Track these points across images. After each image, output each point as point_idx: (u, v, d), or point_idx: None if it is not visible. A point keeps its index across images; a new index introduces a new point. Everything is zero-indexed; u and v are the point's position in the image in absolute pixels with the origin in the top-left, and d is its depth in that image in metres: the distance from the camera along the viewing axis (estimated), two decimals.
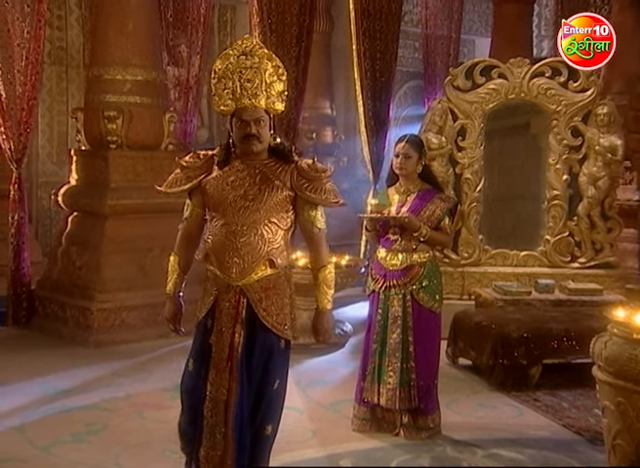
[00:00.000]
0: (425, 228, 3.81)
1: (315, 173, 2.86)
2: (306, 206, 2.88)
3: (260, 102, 2.76)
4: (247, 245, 2.78)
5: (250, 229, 2.78)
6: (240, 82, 2.77)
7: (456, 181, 6.29)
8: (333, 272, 2.97)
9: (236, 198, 2.80)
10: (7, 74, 5.76)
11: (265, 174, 2.83)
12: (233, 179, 2.83)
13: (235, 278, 2.79)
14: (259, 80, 2.76)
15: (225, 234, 2.79)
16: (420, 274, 3.85)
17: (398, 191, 3.96)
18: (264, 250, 2.79)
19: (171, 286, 2.96)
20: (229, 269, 2.79)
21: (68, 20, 8.49)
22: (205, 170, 2.90)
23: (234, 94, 2.78)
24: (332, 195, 2.90)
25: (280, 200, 2.82)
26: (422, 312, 3.86)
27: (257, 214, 2.79)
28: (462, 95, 6.28)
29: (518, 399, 4.59)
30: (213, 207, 2.86)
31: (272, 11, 6.63)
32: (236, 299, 2.81)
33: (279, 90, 2.81)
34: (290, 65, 6.72)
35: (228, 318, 2.81)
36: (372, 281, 3.99)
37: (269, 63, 2.79)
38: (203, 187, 2.88)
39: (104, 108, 5.98)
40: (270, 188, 2.81)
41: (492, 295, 5.71)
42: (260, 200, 2.79)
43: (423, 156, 3.96)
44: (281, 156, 2.87)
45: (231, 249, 2.78)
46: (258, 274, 2.81)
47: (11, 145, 5.88)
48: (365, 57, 7.19)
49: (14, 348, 5.54)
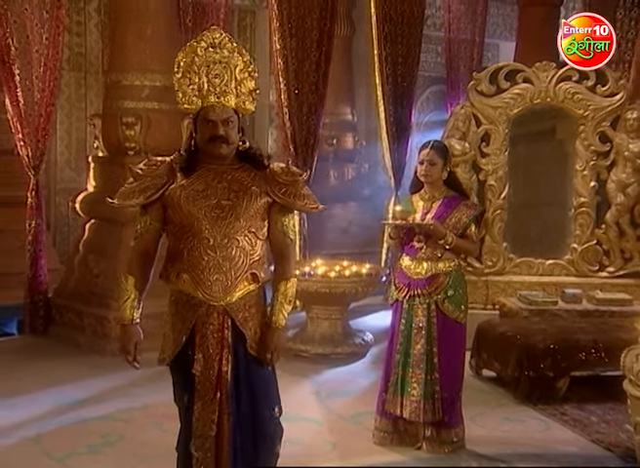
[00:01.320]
0: (451, 236, 3.77)
1: (291, 176, 2.64)
2: (281, 213, 2.65)
3: (230, 101, 2.54)
4: (229, 259, 2.54)
5: (230, 241, 2.54)
6: (207, 77, 2.53)
7: (479, 188, 6.25)
8: (295, 287, 2.70)
9: (210, 208, 2.54)
10: (25, 80, 5.79)
11: (239, 180, 2.60)
12: (203, 188, 2.56)
13: (218, 297, 2.54)
14: (228, 76, 2.54)
15: (203, 249, 2.53)
16: (446, 283, 3.81)
17: (423, 198, 3.93)
18: (246, 263, 2.57)
19: (128, 312, 2.60)
20: (210, 288, 2.53)
21: (87, 26, 8.54)
22: (165, 179, 2.59)
23: (200, 90, 2.54)
24: (310, 200, 2.67)
25: (259, 207, 2.60)
26: (447, 322, 3.82)
27: (236, 223, 2.55)
28: (486, 100, 6.24)
29: (545, 412, 4.52)
30: (181, 220, 2.56)
31: (292, 15, 6.64)
32: (220, 321, 2.56)
33: (250, 88, 2.58)
34: (310, 70, 6.74)
35: (213, 343, 2.56)
36: (395, 290, 3.95)
37: (240, 58, 2.57)
38: (165, 199, 2.58)
39: (122, 114, 6.00)
40: (249, 195, 2.58)
41: (517, 305, 5.66)
42: (239, 208, 2.56)
43: (448, 162, 3.93)
44: (252, 161, 2.64)
45: (212, 265, 2.52)
46: (241, 290, 2.58)
47: (29, 152, 5.91)
48: (386, 61, 7.17)
49: (30, 357, 5.55)
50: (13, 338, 6.09)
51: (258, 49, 9.27)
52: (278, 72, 6.70)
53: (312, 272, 5.77)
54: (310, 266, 5.92)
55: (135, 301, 2.63)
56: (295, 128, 6.74)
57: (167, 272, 2.63)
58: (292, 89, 6.70)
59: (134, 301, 2.62)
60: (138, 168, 2.63)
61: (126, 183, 2.62)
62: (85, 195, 6.36)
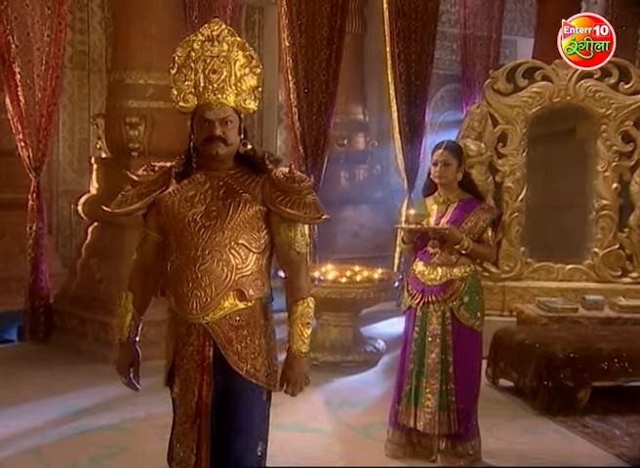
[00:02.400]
0: (468, 240, 3.74)
1: (292, 183, 2.44)
2: (283, 224, 2.46)
3: (228, 99, 2.39)
4: (208, 273, 2.37)
5: (212, 254, 2.37)
6: (204, 73, 2.39)
7: (496, 190, 6.23)
8: (311, 307, 2.50)
9: (195, 217, 2.40)
10: (26, 79, 5.81)
11: (231, 185, 2.43)
12: (192, 194, 2.43)
13: (197, 315, 2.38)
14: (227, 72, 2.39)
15: (183, 262, 2.39)
16: (461, 290, 3.78)
17: (437, 201, 3.90)
18: (231, 278, 2.38)
19: (124, 330, 2.52)
20: (189, 304, 2.38)
21: (90, 23, 8.57)
22: (161, 184, 2.49)
23: (196, 87, 2.40)
24: (313, 209, 2.44)
25: (249, 217, 2.40)
26: (463, 330, 3.78)
27: (220, 234, 2.38)
28: (503, 98, 6.21)
29: (565, 424, 4.47)
30: (168, 228, 2.45)
31: (302, 11, 6.63)
32: (200, 342, 2.41)
33: (251, 85, 2.43)
34: (320, 69, 6.74)
35: (193, 366, 2.42)
36: (408, 296, 3.91)
37: (241, 53, 2.42)
38: (157, 205, 2.47)
39: (126, 114, 6.00)
40: (236, 203, 2.40)
41: (535, 312, 5.63)
42: (223, 218, 2.39)
43: (463, 163, 3.90)
44: (251, 164, 2.48)
45: (190, 279, 2.37)
46: (224, 309, 2.40)
47: (30, 153, 5.92)
48: (399, 59, 7.16)
49: (30, 365, 5.54)
50: (13, 345, 6.09)
51: (266, 46, 9.28)
52: (287, 70, 6.69)
53: (322, 277, 5.77)
54: (320, 271, 5.92)
55: (132, 320, 2.53)
56: (304, 128, 6.73)
57: (157, 286, 2.52)
58: (301, 88, 6.70)
59: (132, 320, 2.53)
60: (134, 174, 2.54)
61: (123, 191, 2.54)
62: (87, 197, 6.36)
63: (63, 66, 6.57)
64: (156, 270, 2.54)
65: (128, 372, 2.55)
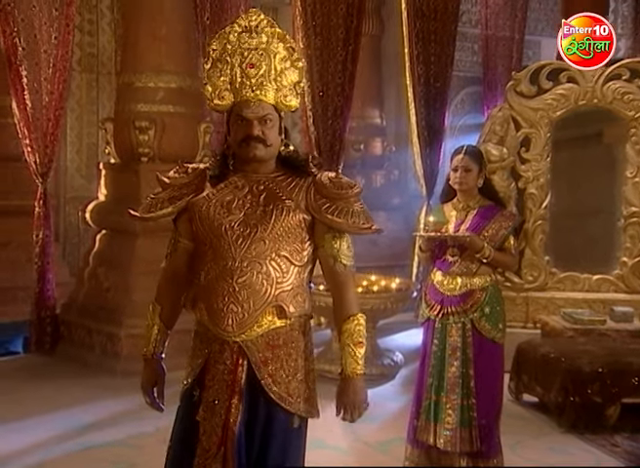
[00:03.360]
0: (489, 249, 3.71)
1: (340, 189, 2.33)
2: (328, 234, 2.33)
3: (268, 95, 2.27)
4: (247, 287, 2.25)
5: (251, 266, 2.25)
6: (242, 67, 2.27)
7: (519, 197, 6.19)
8: (364, 325, 2.37)
9: (233, 224, 2.28)
10: (33, 82, 5.84)
11: (272, 191, 2.32)
12: (229, 200, 2.31)
13: (232, 332, 2.25)
14: (266, 66, 2.27)
15: (219, 273, 2.27)
16: (482, 300, 3.74)
17: (456, 207, 3.87)
18: (271, 293, 2.26)
19: (150, 345, 2.43)
20: (224, 320, 2.25)
21: (100, 25, 8.63)
22: (194, 188, 2.37)
23: (233, 83, 2.28)
24: (362, 219, 2.33)
25: (293, 226, 2.29)
26: (484, 343, 3.75)
27: (261, 245, 2.26)
28: (527, 101, 6.18)
29: (593, 443, 4.42)
30: (202, 236, 2.33)
31: (317, 12, 6.65)
32: (233, 361, 2.28)
33: (293, 80, 2.31)
34: (336, 71, 6.74)
35: (222, 387, 2.28)
36: (426, 307, 3.89)
37: (281, 45, 2.30)
38: (190, 211, 2.34)
39: (135, 118, 6.01)
40: (279, 210, 2.28)
41: (560, 324, 5.59)
42: (265, 226, 2.27)
43: (484, 169, 3.88)
44: (294, 168, 2.36)
45: (226, 292, 2.25)
46: (262, 326, 2.27)
47: (36, 158, 5.95)
48: (418, 61, 7.16)
49: (36, 377, 5.55)
50: (18, 357, 6.11)
51: None
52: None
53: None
54: None
55: (159, 334, 2.43)
56: (319, 132, 6.74)
57: (187, 298, 2.39)
58: (316, 91, 6.71)
59: (158, 334, 2.43)
60: (165, 176, 2.41)
61: (152, 193, 2.41)
62: (95, 204, 6.38)
63: (71, 69, 6.62)
64: (186, 280, 2.42)
65: (152, 391, 2.44)
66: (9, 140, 7.02)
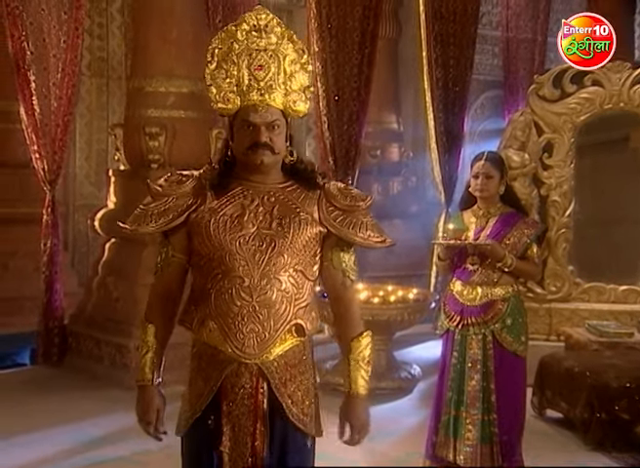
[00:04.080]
0: (511, 257, 3.70)
1: (351, 201, 2.29)
2: (337, 247, 2.30)
3: (276, 100, 2.20)
4: (267, 305, 2.19)
5: (270, 283, 2.19)
6: (249, 69, 2.19)
7: (541, 205, 6.17)
8: (370, 343, 2.33)
9: (247, 239, 2.20)
10: (41, 87, 5.87)
11: (285, 202, 2.25)
12: (239, 213, 2.23)
13: (253, 353, 2.19)
14: (275, 68, 2.20)
15: (235, 292, 2.19)
16: (503, 311, 3.74)
17: (476, 214, 3.87)
18: (290, 311, 2.22)
19: (147, 370, 2.28)
20: (243, 341, 2.18)
21: (110, 29, 8.68)
22: (192, 199, 2.26)
23: (239, 85, 2.20)
24: (375, 232, 2.31)
25: (310, 239, 2.25)
26: (506, 356, 3.74)
27: (279, 260, 2.21)
28: (549, 105, 6.15)
29: (621, 461, 4.39)
30: (209, 253, 2.23)
31: (332, 14, 6.65)
32: (253, 384, 2.21)
33: (302, 84, 2.25)
34: (352, 75, 6.74)
35: (244, 412, 2.22)
36: (445, 318, 3.88)
37: (291, 46, 2.23)
38: (191, 225, 2.24)
39: (146, 124, 6.03)
40: (297, 223, 2.23)
41: (585, 337, 5.54)
42: (283, 240, 2.21)
43: (506, 175, 3.88)
44: (301, 177, 2.29)
45: (245, 312, 2.18)
46: (281, 346, 2.23)
47: (44, 165, 5.98)
48: (436, 64, 7.14)
49: (43, 390, 5.56)
50: (25, 369, 6.13)
51: None
52: (316, 77, 6.68)
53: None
54: None
55: (155, 357, 2.28)
56: (334, 138, 6.73)
57: (190, 317, 2.27)
58: (331, 95, 6.70)
59: (154, 357, 2.28)
60: (157, 184, 2.28)
61: (141, 204, 2.29)
62: (104, 212, 6.40)
63: (81, 74, 6.64)
64: (179, 297, 2.34)
65: (151, 422, 2.30)
66: (17, 147, 7.07)
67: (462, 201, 3.99)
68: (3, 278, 7.29)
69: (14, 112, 6.36)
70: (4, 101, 7.07)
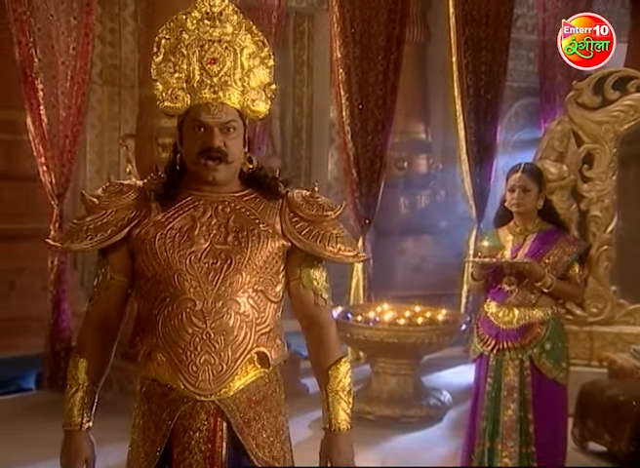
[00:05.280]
0: (550, 277, 3.67)
1: (317, 210, 2.13)
2: (305, 263, 2.14)
3: (232, 98, 2.05)
4: (224, 331, 2.01)
5: (227, 305, 2.02)
6: (201, 63, 2.04)
7: (580, 220, 6.11)
8: (349, 370, 2.17)
9: (199, 256, 2.04)
10: (49, 96, 5.89)
11: (242, 213, 2.09)
12: (189, 226, 2.06)
13: (209, 389, 2.01)
14: (231, 62, 2.05)
15: (185, 317, 2.01)
16: (542, 335, 3.71)
17: (512, 231, 3.85)
18: (251, 337, 2.05)
19: (75, 412, 2.11)
20: (197, 375, 2.00)
21: (122, 35, 8.73)
22: (134, 212, 2.09)
23: (190, 81, 2.05)
24: (347, 245, 2.14)
25: (272, 254, 2.08)
26: (545, 383, 3.71)
27: (237, 279, 2.04)
28: (589, 113, 6.10)
29: None
30: (153, 273, 2.05)
31: (356, 18, 6.67)
32: (211, 426, 2.03)
33: (262, 81, 2.10)
34: (377, 82, 6.75)
35: (199, 460, 2.03)
36: (479, 342, 3.87)
37: (249, 37, 2.08)
38: (133, 241, 2.07)
39: (158, 134, 6.02)
40: (255, 236, 2.06)
41: (630, 363, 5.46)
42: (241, 256, 2.04)
43: (544, 189, 3.87)
44: (262, 186, 2.14)
45: (198, 340, 2.00)
46: (242, 379, 2.05)
47: (52, 178, 6.00)
48: (467, 70, 7.14)
49: (48, 416, 5.48)
50: (30, 394, 6.11)
51: (316, 58, 9.34)
52: (339, 84, 6.71)
53: (378, 318, 5.72)
54: (375, 311, 5.87)
55: (86, 397, 2.10)
56: (358, 149, 6.73)
57: (134, 349, 2.09)
58: (355, 103, 6.70)
59: (85, 397, 2.10)
60: (93, 195, 2.11)
61: (75, 218, 2.13)
62: None
63: (91, 82, 6.68)
64: (118, 326, 2.16)
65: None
66: (24, 159, 7.10)
67: (498, 217, 3.97)
68: (9, 297, 7.31)
69: (20, 123, 6.37)
70: (10, 111, 7.09)
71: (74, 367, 2.14)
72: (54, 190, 6.05)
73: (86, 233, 2.06)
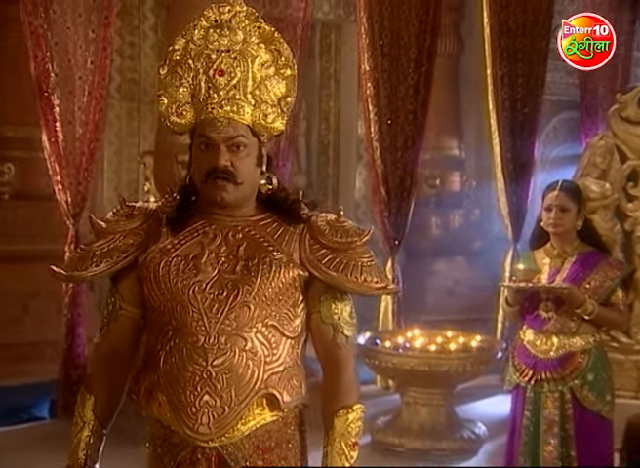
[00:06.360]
0: (592, 303, 3.64)
1: (342, 236, 2.03)
2: (326, 295, 2.03)
3: (242, 112, 1.96)
4: (226, 370, 1.92)
5: (232, 341, 1.94)
6: (207, 75, 1.97)
7: (625, 241, 6.06)
8: (360, 419, 2.04)
9: (204, 286, 1.96)
10: (66, 112, 5.94)
11: (255, 240, 2.01)
12: (197, 253, 1.99)
13: (208, 434, 1.93)
14: (241, 73, 1.96)
15: (186, 353, 1.94)
16: (584, 365, 3.68)
17: (550, 254, 3.82)
18: (259, 377, 1.95)
19: (80, 453, 2.06)
20: (196, 418, 1.92)
21: (142, 48, 8.80)
22: (143, 237, 2.04)
23: (196, 95, 1.98)
24: (374, 275, 2.02)
25: (285, 285, 1.98)
26: (588, 417, 3.68)
27: (244, 312, 1.95)
28: (634, 128, 6.09)
29: None
30: (158, 303, 1.99)
31: (385, 29, 6.69)
32: None
33: (277, 93, 2.00)
34: (407, 96, 6.75)
35: None
36: (515, 372, 3.84)
37: (263, 46, 1.99)
38: (142, 269, 2.01)
39: (178, 151, 6.04)
40: (267, 265, 1.97)
41: None
42: (249, 287, 1.95)
43: (583, 208, 3.85)
44: (281, 209, 2.06)
45: (198, 379, 1.92)
46: (248, 423, 1.95)
47: (68, 197, 6.02)
48: (503, 83, 7.12)
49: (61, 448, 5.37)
50: (43, 424, 6.10)
51: (343, 71, 9.35)
52: (367, 98, 6.72)
53: (407, 345, 5.70)
54: (405, 337, 5.84)
55: (92, 437, 2.05)
56: (387, 166, 6.73)
57: (137, 387, 2.03)
58: (384, 118, 6.71)
59: (90, 436, 2.05)
60: (102, 219, 2.06)
61: (83, 244, 2.11)
62: None
63: (109, 97, 6.73)
64: (129, 361, 2.09)
65: None
66: (39, 178, 7.16)
67: (533, 238, 3.94)
68: (23, 321, 7.33)
69: (35, 140, 6.44)
70: (25, 128, 7.17)
71: (81, 403, 2.09)
72: (69, 210, 6.07)
73: (91, 260, 2.02)
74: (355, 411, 2.02)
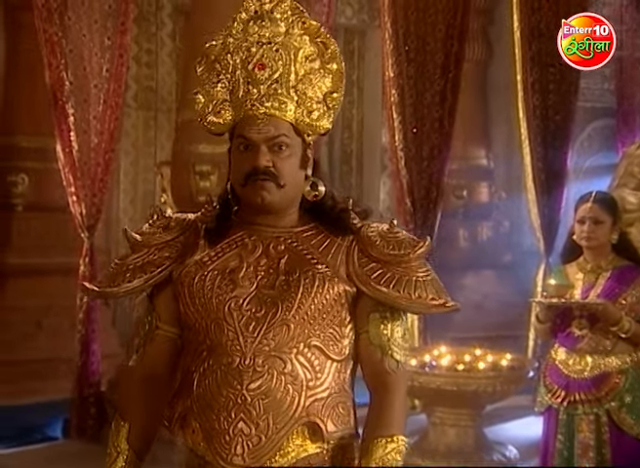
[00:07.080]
0: (628, 320, 3.60)
1: (394, 248, 1.90)
2: (375, 314, 1.90)
3: (284, 109, 1.87)
4: (263, 395, 1.81)
5: (268, 364, 1.82)
6: (247, 69, 1.87)
7: None
8: (401, 455, 1.84)
9: (241, 302, 1.86)
10: (80, 122, 5.97)
11: (298, 253, 1.90)
12: (235, 266, 1.89)
13: (242, 465, 1.81)
14: (283, 67, 1.87)
15: (221, 376, 1.84)
16: (621, 386, 3.64)
17: (583, 268, 3.79)
18: (300, 404, 1.83)
19: None
20: (230, 447, 1.81)
21: (159, 55, 8.85)
22: (180, 249, 1.96)
23: (234, 91, 1.89)
24: (429, 291, 1.88)
25: (329, 303, 1.87)
26: (625, 441, 3.63)
27: (283, 331, 1.84)
28: None
29: None
30: (193, 321, 1.91)
31: (411, 34, 6.67)
32: None
33: (323, 89, 1.90)
34: (433, 103, 6.72)
35: None
36: (547, 393, 3.81)
37: (307, 38, 1.89)
38: (177, 283, 1.92)
39: (196, 161, 6.06)
40: (310, 280, 1.85)
41: None
42: (289, 304, 1.84)
43: (619, 220, 3.81)
44: (328, 218, 1.95)
45: (232, 405, 1.81)
46: (288, 455, 1.83)
47: (82, 209, 6.04)
48: (534, 90, 7.06)
49: None
50: (56, 444, 6.12)
51: (367, 78, 9.38)
52: (392, 106, 6.69)
53: (434, 363, 5.68)
54: (432, 355, 5.82)
55: (128, 467, 1.96)
56: (412, 176, 6.70)
57: (170, 413, 1.92)
58: (409, 127, 6.68)
59: (126, 467, 1.96)
60: (137, 231, 2.00)
61: (117, 258, 2.03)
62: None
63: (126, 106, 6.77)
64: (167, 384, 1.98)
65: None
66: (53, 189, 7.21)
67: (565, 251, 3.92)
68: (36, 337, 7.37)
69: (50, 150, 6.48)
70: (39, 138, 7.24)
71: (115, 432, 2.00)
72: (84, 222, 6.09)
73: (124, 275, 1.94)
74: (396, 443, 1.85)
